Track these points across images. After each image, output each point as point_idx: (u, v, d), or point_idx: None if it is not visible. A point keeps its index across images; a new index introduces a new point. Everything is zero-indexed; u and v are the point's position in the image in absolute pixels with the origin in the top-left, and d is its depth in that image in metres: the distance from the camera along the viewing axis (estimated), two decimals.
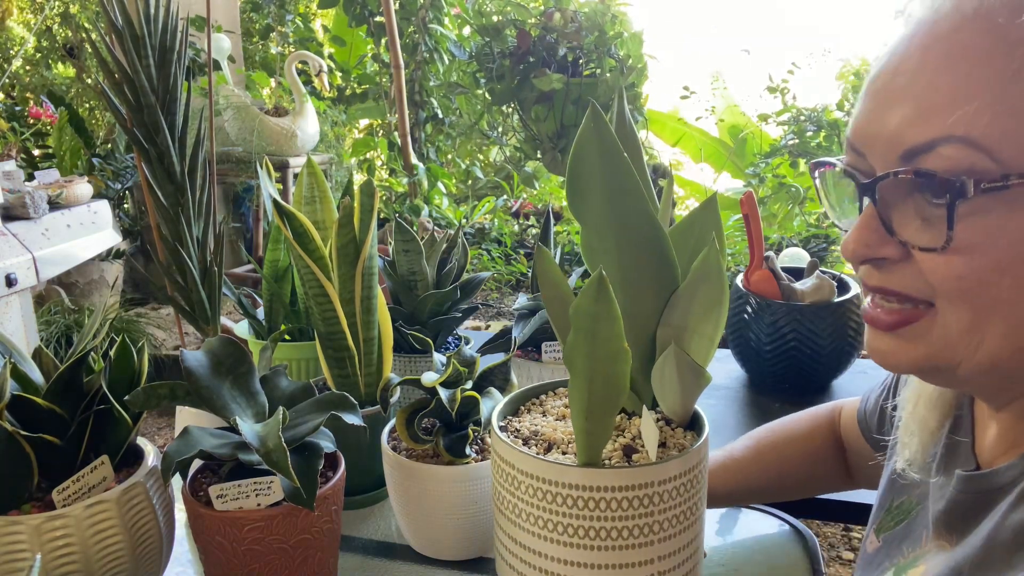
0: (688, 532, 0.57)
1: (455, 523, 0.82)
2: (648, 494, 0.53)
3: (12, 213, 2.12)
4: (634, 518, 0.53)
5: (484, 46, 2.08)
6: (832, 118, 3.45)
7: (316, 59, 3.41)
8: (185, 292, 0.88)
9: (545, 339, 1.06)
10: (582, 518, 0.53)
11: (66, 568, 0.66)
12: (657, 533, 0.54)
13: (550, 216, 1.18)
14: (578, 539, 0.54)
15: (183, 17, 0.85)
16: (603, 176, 0.51)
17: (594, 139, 0.50)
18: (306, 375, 1.09)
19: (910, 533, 0.59)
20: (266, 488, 0.68)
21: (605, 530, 0.53)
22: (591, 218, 0.53)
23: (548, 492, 0.54)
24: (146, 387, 0.70)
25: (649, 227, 0.52)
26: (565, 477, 0.53)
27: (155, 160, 0.83)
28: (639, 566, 0.55)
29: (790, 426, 0.89)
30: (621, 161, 0.50)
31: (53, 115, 3.57)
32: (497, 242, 4.32)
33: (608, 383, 0.52)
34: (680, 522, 0.55)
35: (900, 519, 0.61)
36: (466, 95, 3.65)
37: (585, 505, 0.53)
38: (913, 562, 0.56)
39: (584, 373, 0.52)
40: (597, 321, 0.50)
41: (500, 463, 0.57)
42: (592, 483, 0.53)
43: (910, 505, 0.61)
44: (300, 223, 0.88)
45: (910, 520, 0.60)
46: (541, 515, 0.55)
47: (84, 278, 3.47)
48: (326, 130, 3.74)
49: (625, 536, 0.54)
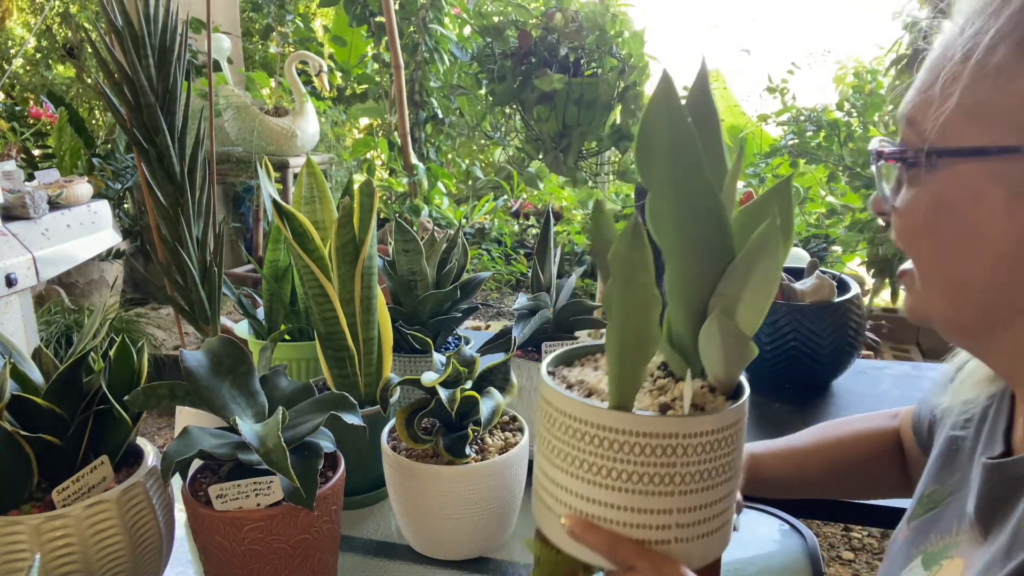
0: (711, 492, 0.58)
1: (455, 523, 0.82)
2: (672, 444, 0.55)
3: (12, 213, 2.12)
4: (656, 466, 0.56)
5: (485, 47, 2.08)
6: (832, 118, 3.44)
7: (316, 59, 3.41)
8: (185, 292, 0.88)
9: (545, 339, 1.06)
10: (607, 459, 0.56)
11: (66, 568, 0.66)
12: (679, 485, 0.56)
13: (550, 216, 1.18)
14: (601, 478, 0.57)
15: (183, 18, 0.85)
16: (667, 144, 0.52)
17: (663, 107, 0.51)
18: (306, 375, 1.09)
19: (939, 521, 0.59)
20: (266, 488, 0.68)
21: (627, 473, 0.56)
22: (655, 184, 0.54)
23: (579, 431, 0.57)
24: (146, 387, 0.70)
25: (708, 198, 0.53)
26: (595, 418, 0.56)
27: (155, 160, 0.83)
28: (658, 513, 0.57)
29: (857, 425, 0.87)
30: (686, 131, 0.51)
31: (53, 115, 3.57)
32: (497, 242, 4.32)
33: (640, 329, 0.55)
34: (703, 479, 0.57)
35: (930, 507, 0.62)
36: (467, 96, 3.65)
37: (611, 447, 0.56)
38: (944, 551, 0.56)
39: (618, 319, 0.55)
40: (632, 268, 0.53)
41: (543, 403, 0.62)
42: (619, 426, 0.56)
43: (942, 495, 0.61)
44: (300, 223, 0.88)
45: (940, 508, 0.60)
46: (571, 452, 0.58)
47: (84, 278, 3.48)
48: (326, 130, 3.74)
49: (646, 482, 0.56)
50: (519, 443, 0.85)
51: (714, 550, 0.62)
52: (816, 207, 3.92)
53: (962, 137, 0.49)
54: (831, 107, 3.53)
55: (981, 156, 0.48)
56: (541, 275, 1.13)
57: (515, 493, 0.86)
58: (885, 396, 1.29)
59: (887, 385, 1.34)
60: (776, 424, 1.18)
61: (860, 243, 3.44)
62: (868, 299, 3.44)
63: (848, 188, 3.49)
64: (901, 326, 3.47)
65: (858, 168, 3.29)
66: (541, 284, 1.12)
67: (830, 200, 3.86)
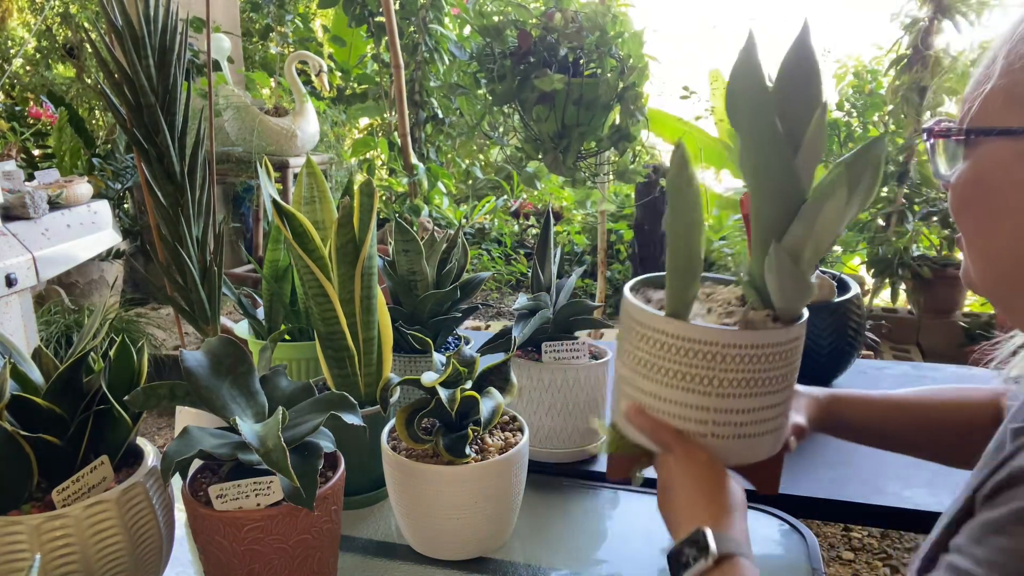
0: (749, 399, 0.67)
1: (455, 523, 0.82)
2: (711, 352, 0.65)
3: (12, 213, 2.12)
4: (698, 368, 0.65)
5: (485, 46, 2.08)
6: (831, 118, 3.45)
7: (316, 59, 3.41)
8: (185, 292, 0.88)
9: (545, 339, 1.06)
10: (659, 358, 0.67)
11: (66, 568, 0.66)
12: (716, 388, 0.65)
13: (550, 216, 1.18)
14: (653, 374, 0.68)
15: (182, 18, 0.85)
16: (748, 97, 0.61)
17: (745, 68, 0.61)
18: (306, 375, 1.09)
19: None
20: (266, 488, 0.68)
21: (673, 371, 0.66)
22: (741, 135, 0.64)
23: (640, 333, 0.68)
24: (146, 387, 0.70)
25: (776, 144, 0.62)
26: (652, 321, 0.67)
27: (155, 160, 0.83)
28: (697, 409, 0.67)
29: (963, 392, 0.87)
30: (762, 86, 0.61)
31: (53, 115, 3.57)
32: (497, 242, 4.32)
33: (686, 247, 0.64)
34: (741, 387, 0.66)
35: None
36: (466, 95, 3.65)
37: (661, 347, 0.67)
38: None
39: (670, 241, 0.65)
40: (678, 192, 0.62)
41: (622, 314, 0.72)
42: (669, 329, 0.66)
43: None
44: (300, 223, 0.88)
45: None
46: (634, 351, 0.69)
47: (84, 278, 3.47)
48: (326, 130, 3.74)
49: (688, 380, 0.66)
50: (519, 443, 0.85)
51: (751, 454, 0.70)
52: None
53: (998, 118, 0.53)
54: (831, 107, 3.53)
55: (1011, 136, 0.52)
56: (541, 275, 1.12)
57: (515, 493, 0.86)
58: None
59: (887, 385, 1.34)
60: None
61: (860, 243, 3.44)
62: (868, 299, 3.44)
63: None
64: (901, 326, 3.47)
65: None
66: (541, 284, 1.12)
67: None
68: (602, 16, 2.01)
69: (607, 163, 2.33)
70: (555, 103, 2.04)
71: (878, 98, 3.38)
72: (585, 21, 2.01)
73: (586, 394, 1.04)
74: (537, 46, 2.01)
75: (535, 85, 1.98)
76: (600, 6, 2.09)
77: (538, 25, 2.04)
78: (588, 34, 2.00)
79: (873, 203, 3.31)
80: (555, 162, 2.14)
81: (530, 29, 2.03)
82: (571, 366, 1.03)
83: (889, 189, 3.27)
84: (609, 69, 2.03)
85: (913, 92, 3.08)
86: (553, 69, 2.00)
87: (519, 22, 2.07)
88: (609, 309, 4.09)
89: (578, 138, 2.10)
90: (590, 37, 2.00)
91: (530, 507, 0.96)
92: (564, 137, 2.10)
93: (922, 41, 3.03)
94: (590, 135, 2.11)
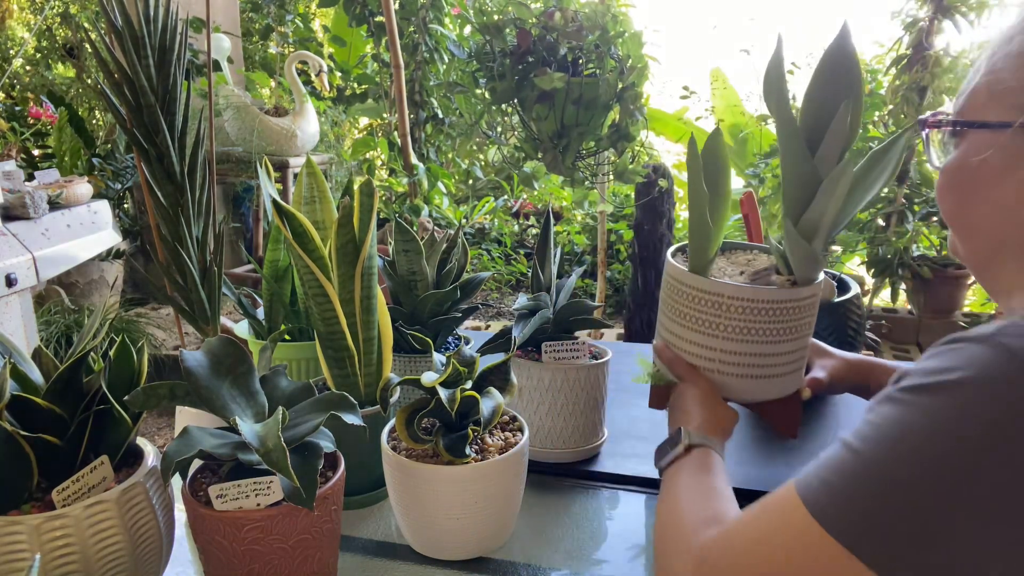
0: (749, 345, 0.81)
1: (455, 523, 0.82)
2: (718, 302, 0.80)
3: (12, 213, 2.12)
4: (707, 314, 0.81)
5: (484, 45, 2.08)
6: None
7: (316, 59, 3.41)
8: (185, 292, 0.88)
9: (546, 339, 1.06)
10: (680, 303, 0.84)
11: (66, 568, 0.66)
12: (722, 332, 0.81)
13: (550, 216, 1.18)
14: (677, 317, 0.85)
15: (182, 18, 0.85)
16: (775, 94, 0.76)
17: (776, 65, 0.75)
18: (306, 375, 1.09)
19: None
20: (266, 488, 0.68)
21: (689, 315, 0.83)
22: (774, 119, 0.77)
23: (671, 284, 0.85)
24: (146, 387, 0.70)
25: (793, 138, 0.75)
26: (676, 274, 0.84)
27: (155, 160, 0.83)
28: (706, 348, 0.83)
29: None
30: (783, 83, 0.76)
31: (53, 115, 3.57)
32: (497, 242, 4.32)
33: (699, 217, 0.80)
34: (740, 333, 0.81)
35: None
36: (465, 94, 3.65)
37: (681, 295, 0.84)
38: None
39: (690, 208, 0.81)
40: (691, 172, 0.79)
41: (664, 273, 0.87)
42: (686, 280, 0.83)
43: None
44: (300, 223, 0.88)
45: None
46: (666, 299, 0.87)
47: (84, 278, 3.47)
48: (326, 130, 3.74)
49: (700, 324, 0.82)
50: (519, 443, 0.85)
51: (755, 392, 0.85)
52: None
53: (980, 111, 0.59)
54: None
55: (989, 128, 0.58)
56: (541, 275, 1.12)
57: (515, 493, 0.86)
58: None
59: None
60: None
61: (860, 243, 3.44)
62: (868, 299, 3.44)
63: None
64: (901, 326, 3.47)
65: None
66: (541, 284, 1.12)
67: None
68: (602, 15, 2.01)
69: (606, 163, 2.33)
70: (555, 102, 2.04)
71: (878, 98, 3.38)
72: (585, 20, 2.01)
73: (586, 394, 1.04)
74: (537, 45, 2.01)
75: (535, 84, 1.98)
76: (600, 5, 2.09)
77: (538, 24, 2.04)
78: (588, 33, 2.00)
79: (873, 203, 3.31)
80: (554, 162, 2.14)
81: (530, 28, 2.03)
82: (571, 366, 1.03)
83: (889, 189, 3.26)
84: (609, 69, 2.03)
85: (913, 92, 3.08)
86: (553, 68, 2.00)
87: (519, 21, 2.06)
88: (609, 309, 4.09)
89: (577, 138, 2.10)
90: (590, 36, 2.00)
91: (530, 507, 0.96)
92: (563, 137, 2.10)
93: (923, 40, 3.03)
94: (589, 135, 2.11)
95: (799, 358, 0.86)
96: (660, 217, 3.45)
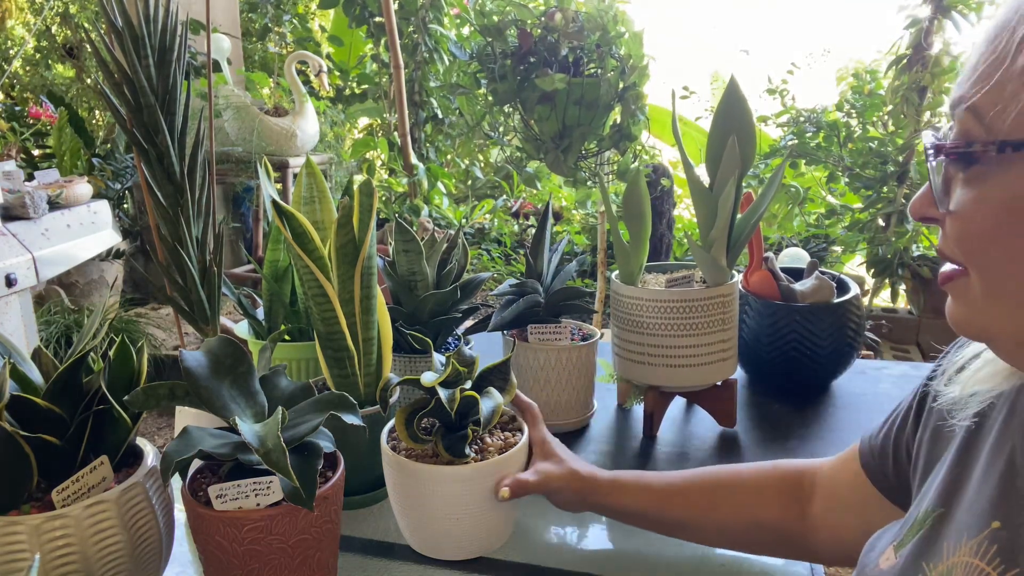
0: (668, 339, 1.03)
1: (455, 523, 0.82)
2: (637, 304, 1.04)
3: (12, 213, 2.12)
4: (632, 314, 1.05)
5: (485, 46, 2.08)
6: (832, 119, 3.44)
7: (316, 59, 3.41)
8: (185, 292, 0.88)
9: (533, 322, 1.13)
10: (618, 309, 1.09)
11: (65, 568, 0.66)
12: (645, 328, 1.04)
13: (549, 207, 1.19)
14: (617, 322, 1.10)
15: (182, 18, 0.85)
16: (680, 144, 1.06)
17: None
18: (306, 375, 1.09)
19: (931, 545, 0.52)
20: (266, 488, 0.68)
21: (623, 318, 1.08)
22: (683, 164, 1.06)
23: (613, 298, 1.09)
24: (145, 387, 0.70)
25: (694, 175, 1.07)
26: (615, 287, 1.08)
27: (155, 160, 0.83)
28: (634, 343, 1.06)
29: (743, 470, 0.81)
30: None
31: (53, 115, 3.57)
32: (497, 242, 4.32)
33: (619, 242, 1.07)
34: (660, 329, 1.03)
35: (917, 530, 0.54)
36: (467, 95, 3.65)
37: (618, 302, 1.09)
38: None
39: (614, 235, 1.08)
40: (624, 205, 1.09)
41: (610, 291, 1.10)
42: (616, 289, 1.08)
43: (927, 513, 0.54)
44: (299, 223, 0.88)
45: (927, 529, 0.53)
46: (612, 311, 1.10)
47: (84, 278, 3.47)
48: (326, 130, 3.74)
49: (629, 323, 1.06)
50: (519, 443, 0.85)
51: (678, 381, 1.05)
52: (816, 207, 3.91)
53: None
54: (830, 108, 3.53)
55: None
56: (533, 262, 1.16)
57: None
58: (885, 396, 1.29)
59: (887, 385, 1.34)
60: (776, 424, 1.18)
61: (860, 243, 3.44)
62: (868, 299, 3.44)
63: (848, 188, 3.49)
64: (901, 326, 3.47)
65: (857, 168, 3.29)
66: (534, 271, 1.16)
67: (830, 200, 3.86)
68: (603, 16, 2.01)
69: (608, 163, 2.33)
70: (556, 103, 2.04)
71: (878, 98, 3.38)
72: (586, 21, 2.01)
73: (568, 373, 1.12)
74: (538, 46, 2.01)
75: (536, 85, 1.98)
76: (601, 6, 2.09)
77: (539, 25, 2.04)
78: (589, 34, 2.00)
79: (873, 203, 3.31)
80: (556, 162, 2.14)
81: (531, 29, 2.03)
82: (552, 348, 1.11)
83: (889, 189, 3.26)
84: (610, 69, 2.03)
85: (913, 92, 3.08)
86: (554, 69, 2.00)
87: (520, 22, 2.07)
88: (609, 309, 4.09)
89: (579, 138, 2.10)
90: (591, 37, 2.00)
91: (530, 507, 0.96)
92: (565, 137, 2.10)
93: (923, 40, 3.03)
94: (591, 135, 2.12)
95: (720, 350, 1.04)
96: (660, 217, 3.45)
